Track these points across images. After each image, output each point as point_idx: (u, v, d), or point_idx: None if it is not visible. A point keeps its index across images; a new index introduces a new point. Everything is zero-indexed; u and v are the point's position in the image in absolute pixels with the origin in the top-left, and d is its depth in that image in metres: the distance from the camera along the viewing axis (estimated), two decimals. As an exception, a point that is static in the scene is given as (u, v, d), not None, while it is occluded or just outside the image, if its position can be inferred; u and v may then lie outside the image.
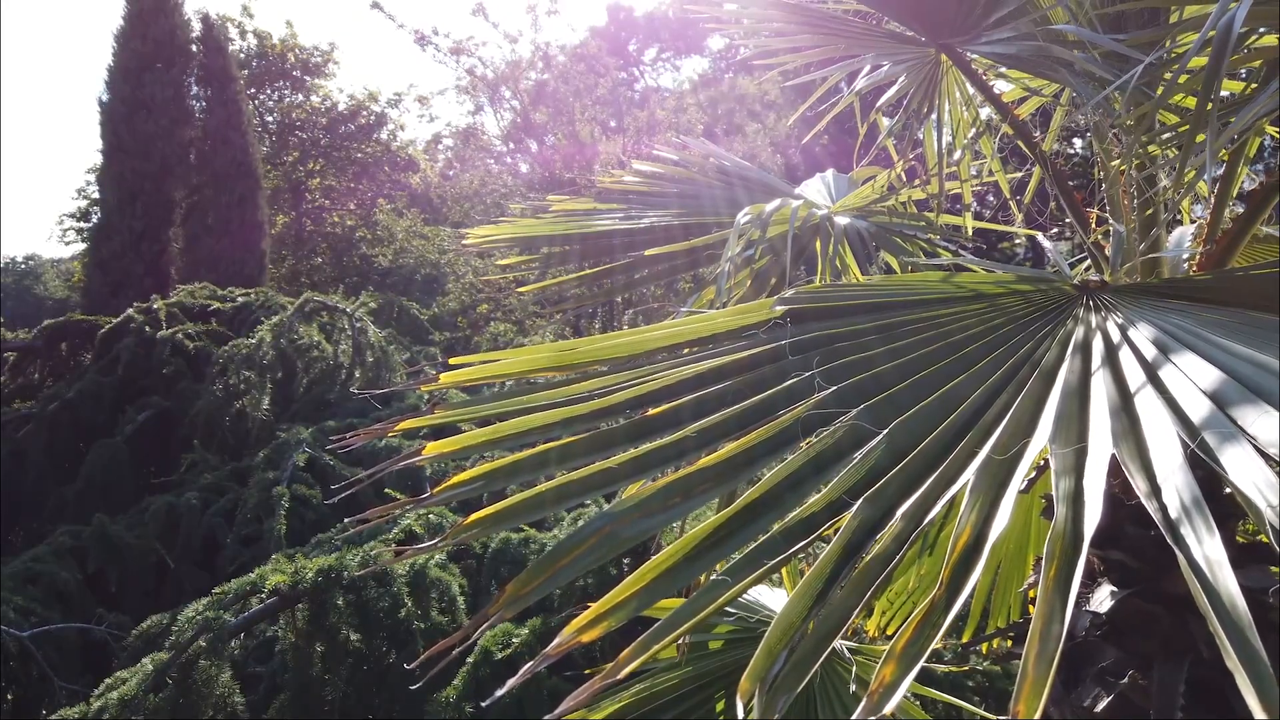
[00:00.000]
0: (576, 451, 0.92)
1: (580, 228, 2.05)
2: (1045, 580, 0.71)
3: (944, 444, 0.89)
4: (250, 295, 8.09)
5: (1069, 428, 0.88)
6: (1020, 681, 0.64)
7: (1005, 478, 0.83)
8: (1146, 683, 1.15)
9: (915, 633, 0.71)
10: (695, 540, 0.82)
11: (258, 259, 14.03)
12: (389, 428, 0.99)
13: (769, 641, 0.73)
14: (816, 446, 0.89)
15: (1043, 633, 0.67)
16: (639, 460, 0.90)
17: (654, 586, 0.79)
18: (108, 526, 5.52)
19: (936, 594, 0.72)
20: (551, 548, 0.83)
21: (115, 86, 13.16)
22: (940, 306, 1.17)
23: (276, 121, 20.07)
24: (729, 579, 0.77)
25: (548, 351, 1.09)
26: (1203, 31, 0.99)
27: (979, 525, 0.78)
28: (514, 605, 0.81)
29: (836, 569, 0.77)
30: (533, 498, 0.88)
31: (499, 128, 13.44)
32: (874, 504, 0.82)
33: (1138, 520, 1.25)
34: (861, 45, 1.81)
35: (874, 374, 1.00)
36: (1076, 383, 0.96)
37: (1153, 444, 0.82)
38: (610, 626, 0.77)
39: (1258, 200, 1.29)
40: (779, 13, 1.82)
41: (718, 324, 1.13)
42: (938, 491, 0.83)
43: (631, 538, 0.84)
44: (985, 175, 2.10)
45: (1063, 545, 0.74)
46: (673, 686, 1.89)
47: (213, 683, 3.32)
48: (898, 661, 0.69)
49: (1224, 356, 0.89)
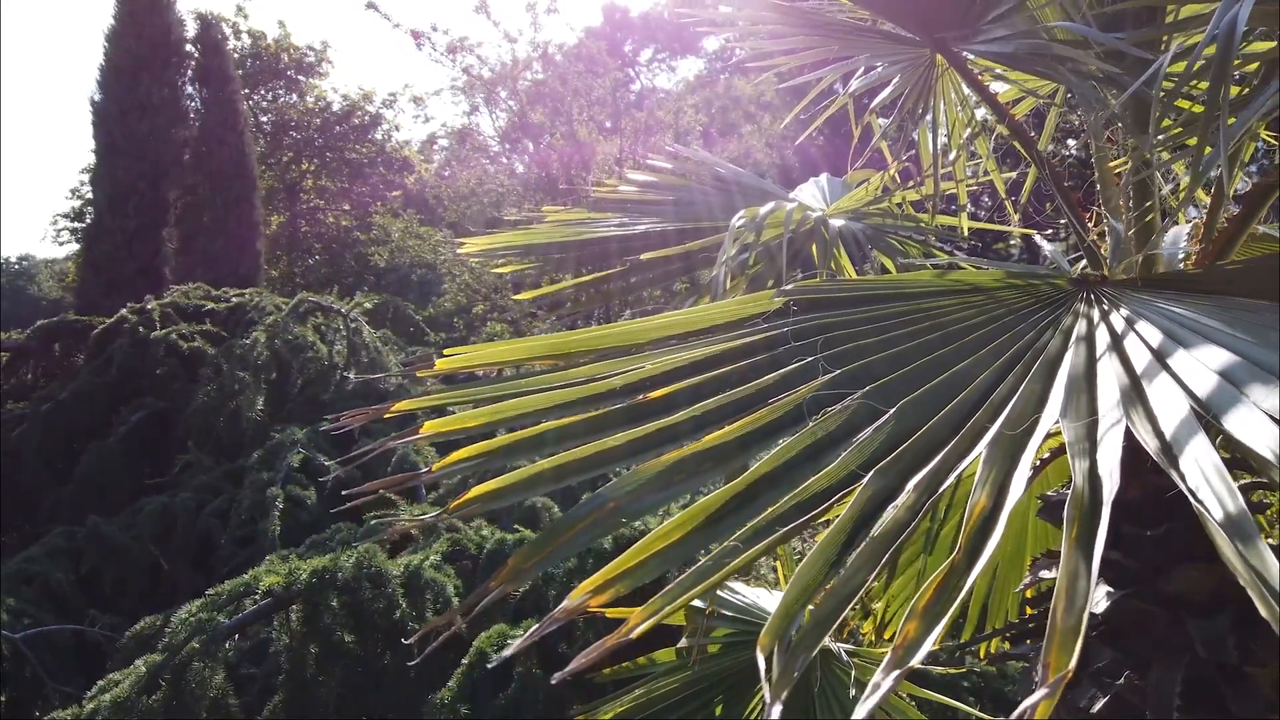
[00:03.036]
0: (575, 431, 0.92)
1: (576, 235, 2.05)
2: (1068, 542, 0.72)
3: (954, 422, 0.90)
4: (245, 295, 8.06)
5: (1079, 404, 0.89)
6: (1049, 637, 0.65)
7: (1018, 451, 0.84)
8: (1143, 683, 1.15)
9: (936, 593, 0.72)
10: (707, 509, 0.82)
11: (252, 259, 14.01)
12: (385, 409, 0.99)
13: (786, 602, 0.73)
14: (826, 423, 0.89)
15: (1069, 589, 0.68)
16: (637, 441, 0.90)
17: (666, 553, 0.79)
18: (102, 527, 5.50)
19: (956, 558, 0.73)
20: (553, 523, 0.83)
21: (108, 86, 13.11)
22: (940, 299, 1.17)
23: (271, 121, 20.03)
24: (740, 545, 0.77)
25: (544, 340, 1.09)
26: (1208, 31, 0.99)
27: (994, 494, 0.79)
28: (516, 579, 0.81)
29: (851, 535, 0.78)
30: (531, 475, 0.88)
31: (495, 128, 13.42)
32: (886, 475, 0.83)
33: (1134, 520, 1.25)
34: (856, 46, 1.81)
35: (879, 358, 1.01)
36: (1083, 365, 0.97)
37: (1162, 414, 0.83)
38: (620, 592, 0.77)
39: (1254, 200, 1.29)
40: (773, 14, 1.81)
41: (716, 315, 1.13)
42: (950, 464, 0.84)
43: (634, 513, 0.84)
44: (981, 175, 2.10)
45: (1082, 509, 0.75)
46: (673, 690, 1.89)
47: (207, 684, 3.31)
48: (920, 619, 0.70)
49: (1227, 339, 0.90)
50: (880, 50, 1.79)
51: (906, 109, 1.88)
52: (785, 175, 14.11)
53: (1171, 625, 1.17)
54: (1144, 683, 1.15)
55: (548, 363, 1.08)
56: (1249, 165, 2.02)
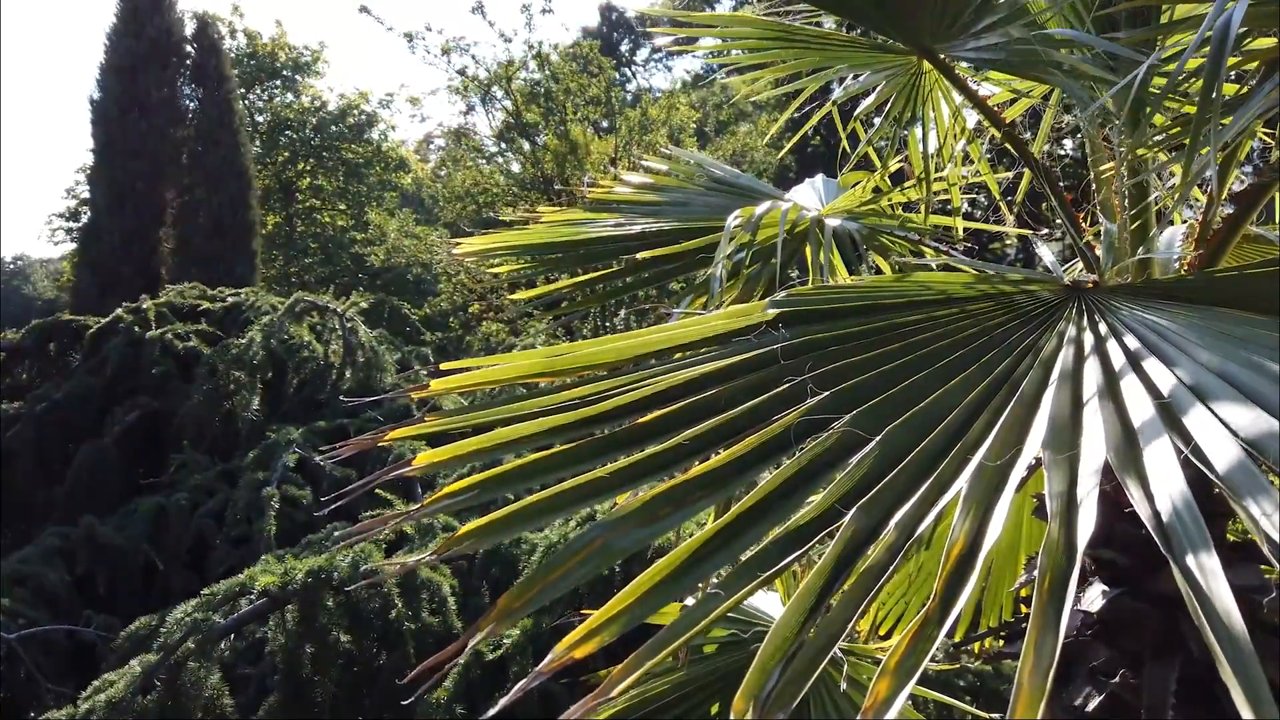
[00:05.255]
0: (568, 460, 0.92)
1: (573, 235, 2.05)
2: (1039, 591, 0.70)
3: (937, 450, 0.89)
4: (240, 295, 8.05)
5: (1061, 434, 0.88)
6: (1016, 694, 0.64)
7: (999, 484, 0.83)
8: (1138, 682, 1.16)
9: (910, 646, 0.70)
10: (689, 551, 0.81)
11: (248, 259, 13.99)
12: (379, 437, 0.99)
13: (763, 657, 0.72)
14: (808, 454, 0.89)
15: (1038, 644, 0.66)
16: (631, 468, 0.90)
17: (649, 598, 0.79)
18: (96, 528, 5.48)
19: (930, 606, 0.72)
20: (545, 561, 0.83)
21: (107, 85, 13.09)
22: (933, 308, 1.17)
23: (267, 121, 20.00)
24: (722, 592, 0.76)
25: (539, 357, 1.09)
26: (1200, 32, 0.99)
27: (973, 534, 0.78)
28: (506, 619, 0.80)
29: (830, 581, 0.77)
30: (525, 508, 0.87)
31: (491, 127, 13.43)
32: (867, 513, 0.82)
33: (1129, 519, 1.25)
34: (839, 57, 1.80)
35: (866, 378, 1.00)
36: (1069, 388, 0.96)
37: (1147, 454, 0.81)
38: (604, 641, 0.76)
39: (1248, 200, 1.30)
40: (751, 29, 1.82)
41: (709, 327, 1.13)
42: (931, 499, 0.82)
43: (625, 549, 0.83)
44: (974, 177, 2.11)
45: (1055, 556, 0.73)
46: (667, 691, 1.89)
47: (202, 684, 3.31)
48: (893, 676, 0.68)
49: (1216, 360, 0.90)
50: (866, 60, 1.79)
51: (893, 115, 1.88)
52: (782, 174, 14.12)
53: (1166, 624, 1.17)
54: (1139, 681, 1.15)
55: (542, 380, 1.08)
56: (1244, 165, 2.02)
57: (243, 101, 17.01)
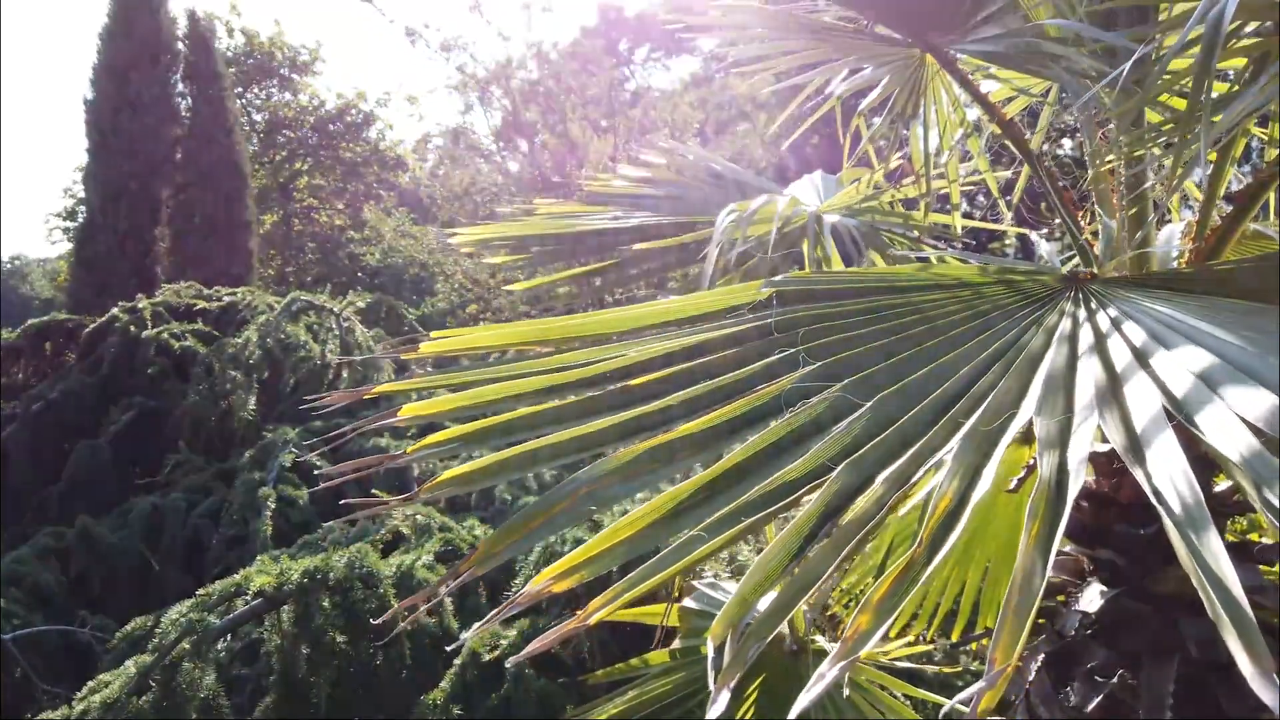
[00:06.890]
0: (553, 417, 0.92)
1: (570, 227, 2.04)
2: (1028, 536, 0.71)
3: (928, 417, 0.89)
4: (237, 295, 8.03)
5: (1054, 402, 0.89)
6: (998, 631, 0.65)
7: (989, 447, 0.83)
8: (1136, 682, 1.15)
9: (892, 586, 0.70)
10: (677, 499, 0.81)
11: (245, 258, 13.95)
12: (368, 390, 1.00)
13: (743, 590, 0.73)
14: (800, 416, 0.89)
15: (1022, 585, 0.67)
16: (617, 427, 0.90)
17: (633, 541, 0.79)
18: (91, 528, 5.46)
19: (916, 550, 0.72)
20: (527, 506, 0.83)
21: (100, 85, 13.05)
22: (927, 292, 1.16)
23: (264, 120, 19.96)
24: (706, 535, 0.76)
25: (531, 326, 1.09)
26: (1188, 25, 0.98)
27: (961, 490, 0.78)
28: (486, 563, 0.81)
29: (815, 527, 0.77)
30: (506, 459, 0.88)
31: (489, 126, 13.40)
32: (856, 469, 0.82)
33: (1126, 519, 1.24)
34: (844, 50, 1.80)
35: (860, 351, 1.00)
36: (1063, 364, 0.96)
37: (1137, 416, 0.82)
38: (584, 578, 0.77)
39: (1246, 198, 1.29)
40: (757, 20, 1.81)
41: (704, 303, 1.12)
42: (921, 458, 0.83)
43: (610, 499, 0.83)
44: (974, 176, 2.10)
45: (1046, 503, 0.74)
46: (666, 692, 1.89)
47: (197, 685, 3.29)
48: (873, 612, 0.69)
49: (1210, 340, 0.89)
50: (869, 53, 1.79)
51: (896, 110, 1.87)
52: (781, 174, 14.12)
53: (1164, 624, 1.17)
54: (1137, 682, 1.15)
55: (534, 348, 1.07)
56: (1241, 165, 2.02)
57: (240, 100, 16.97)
